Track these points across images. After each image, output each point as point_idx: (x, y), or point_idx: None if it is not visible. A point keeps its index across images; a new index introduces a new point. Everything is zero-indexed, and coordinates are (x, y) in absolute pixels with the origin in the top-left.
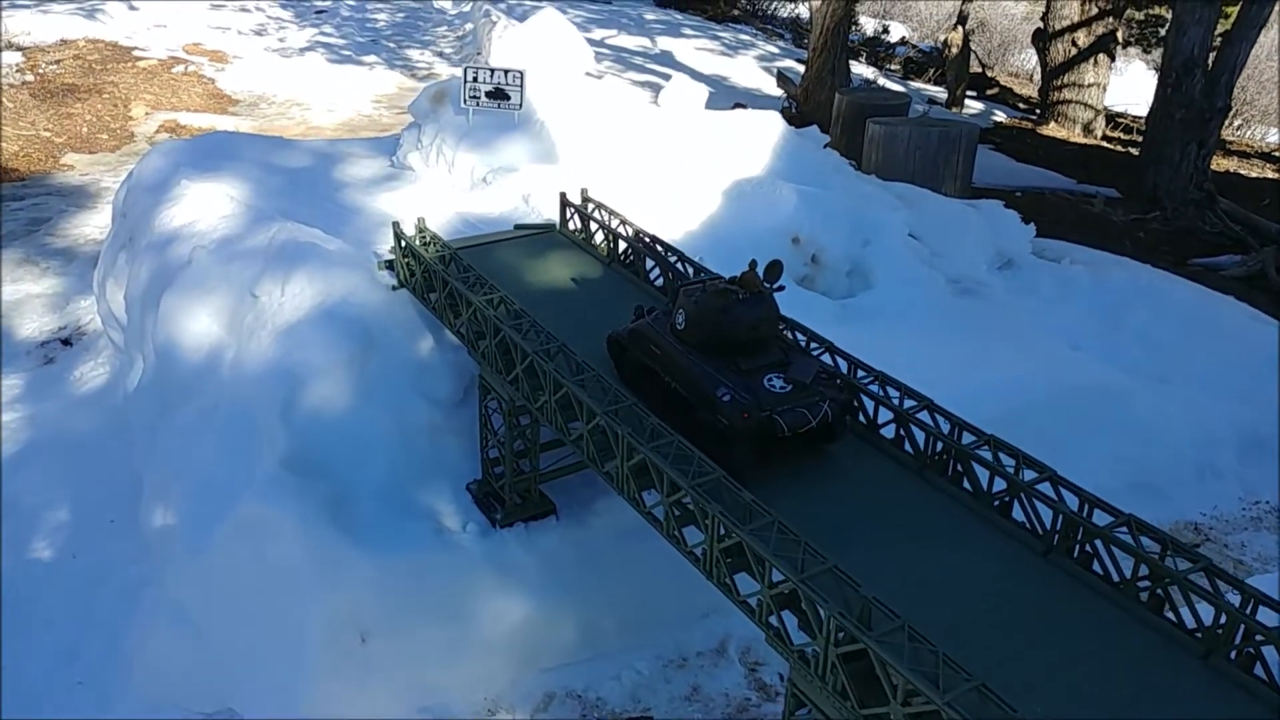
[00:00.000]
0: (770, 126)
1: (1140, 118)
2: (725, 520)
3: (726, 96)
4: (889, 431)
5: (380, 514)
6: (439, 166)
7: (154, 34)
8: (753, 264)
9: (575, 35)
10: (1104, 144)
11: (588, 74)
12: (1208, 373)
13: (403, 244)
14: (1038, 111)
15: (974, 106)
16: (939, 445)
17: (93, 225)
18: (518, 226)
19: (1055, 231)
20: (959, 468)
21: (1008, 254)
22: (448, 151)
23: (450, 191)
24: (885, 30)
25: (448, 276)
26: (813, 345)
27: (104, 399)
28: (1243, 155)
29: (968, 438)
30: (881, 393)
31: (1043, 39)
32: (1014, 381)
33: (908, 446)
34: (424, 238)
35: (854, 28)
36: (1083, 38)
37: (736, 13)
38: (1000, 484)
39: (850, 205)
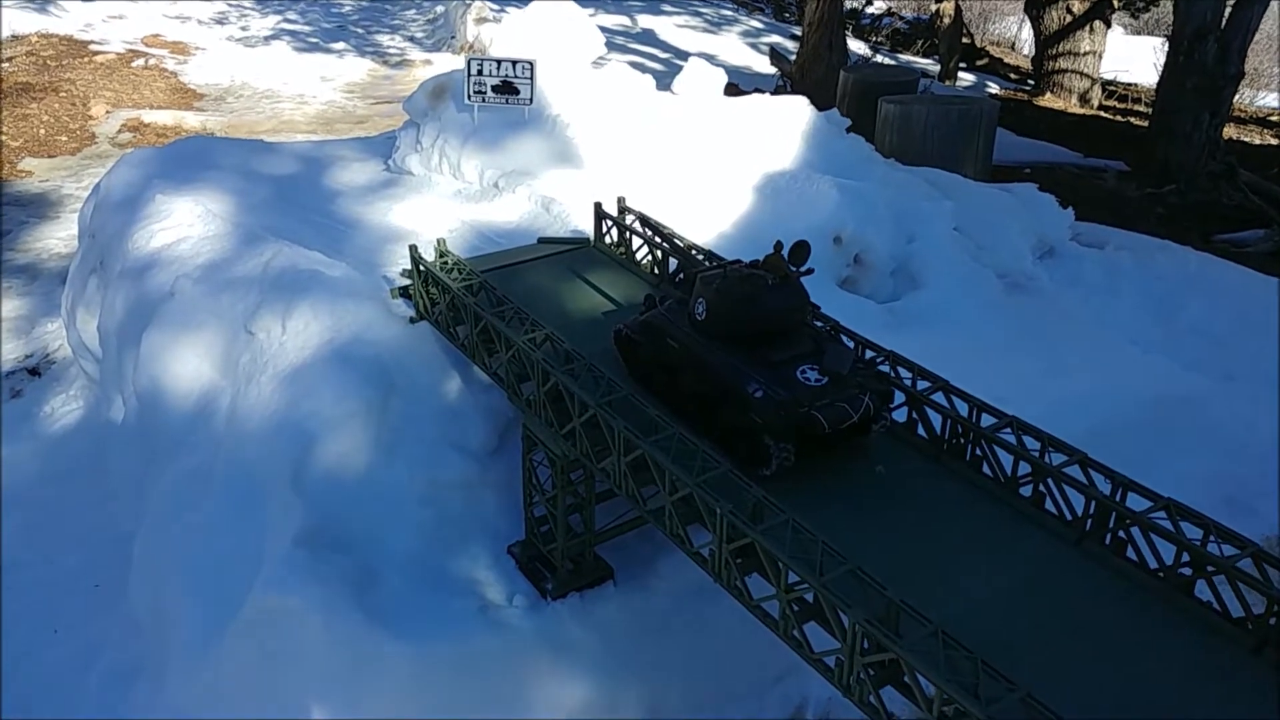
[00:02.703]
0: (796, 112)
1: (1132, 85)
2: (875, 631)
3: None
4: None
5: (413, 591)
6: (443, 171)
7: (111, 26)
8: (778, 245)
9: (584, 19)
10: (1101, 114)
11: (594, 62)
12: (1271, 366)
13: (421, 270)
14: (1030, 82)
15: (966, 79)
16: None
17: (56, 238)
18: (543, 240)
19: (1075, 211)
20: (1121, 535)
21: (1049, 242)
22: (451, 154)
23: (458, 199)
24: (869, 1)
25: (481, 311)
26: (919, 384)
27: (79, 439)
28: (1238, 121)
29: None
30: (1017, 442)
31: (1036, 7)
32: (1091, 395)
33: (1049, 505)
34: (446, 262)
35: None
36: (1077, 4)
37: None
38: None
39: (890, 198)
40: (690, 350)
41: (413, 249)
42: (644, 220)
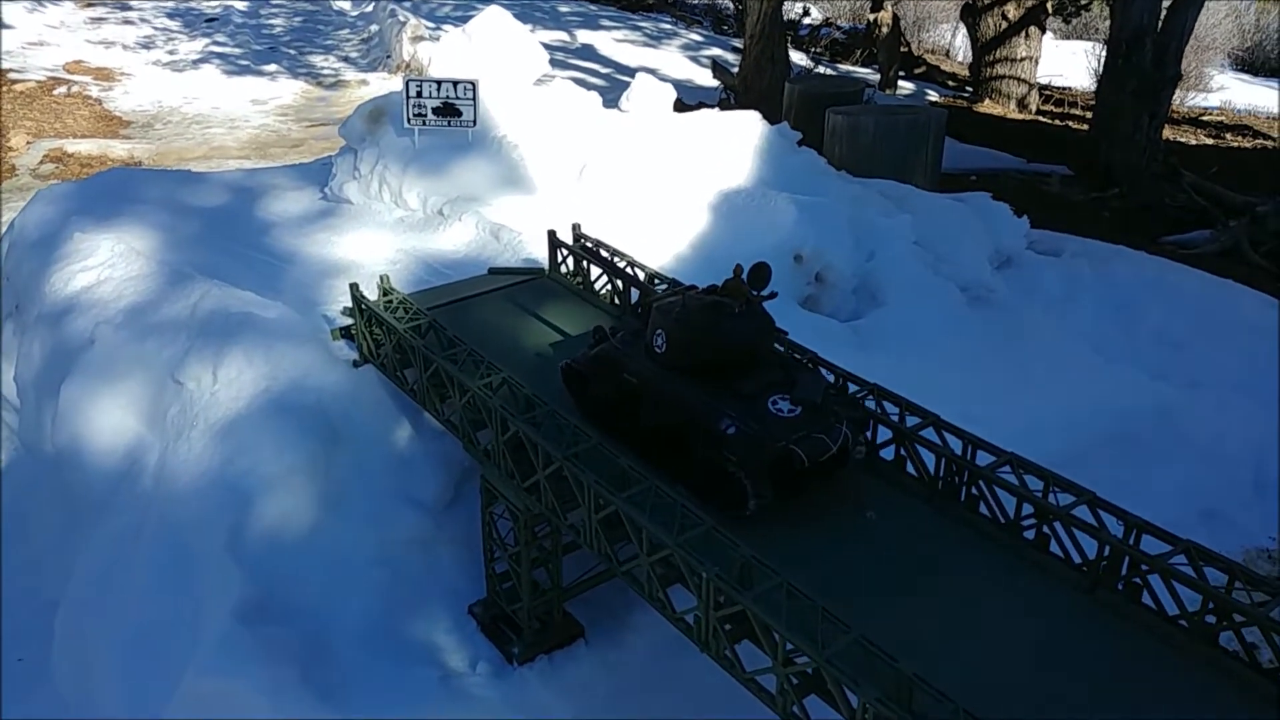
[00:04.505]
0: (747, 127)
1: (1067, 89)
2: (890, 711)
3: None
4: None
5: (367, 662)
6: (383, 198)
7: (31, 53)
8: (738, 269)
9: (526, 36)
10: (1040, 119)
11: (538, 80)
12: (1234, 371)
13: (364, 309)
14: (969, 89)
15: (906, 87)
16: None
17: None
18: (494, 270)
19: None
20: (1136, 580)
21: (1006, 251)
22: (392, 180)
23: (400, 228)
24: (806, 12)
25: (431, 353)
26: (908, 418)
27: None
28: (1172, 122)
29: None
30: (1018, 481)
31: (972, 14)
32: (1062, 409)
33: (1054, 546)
34: (390, 301)
35: None
36: (1012, 11)
37: (651, 1)
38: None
39: (848, 213)
40: (651, 385)
41: (354, 288)
42: (601, 248)
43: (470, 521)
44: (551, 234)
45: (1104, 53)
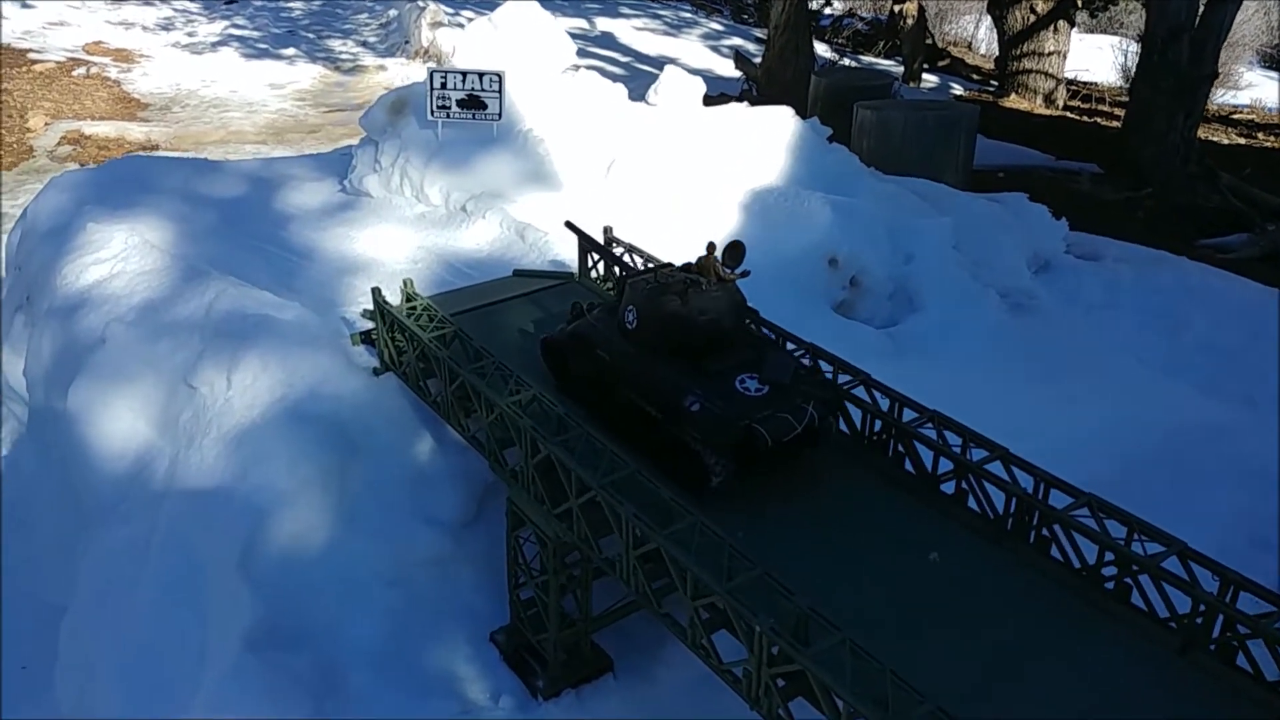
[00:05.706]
0: (779, 122)
1: (1093, 84)
2: None
3: None
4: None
5: (381, 691)
6: (404, 193)
7: (51, 34)
8: (711, 246)
9: (552, 25)
10: (1068, 114)
11: (565, 70)
12: None
13: (386, 316)
14: (993, 82)
15: (930, 80)
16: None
17: None
18: (519, 272)
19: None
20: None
21: (1044, 255)
22: (414, 174)
23: (421, 225)
24: (828, 3)
25: (458, 368)
26: (973, 451)
27: (5, 491)
28: (1202, 120)
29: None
30: (1098, 526)
31: (999, 7)
32: (1109, 426)
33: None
34: (414, 307)
35: None
36: (1041, 4)
37: None
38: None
39: (884, 214)
40: (622, 362)
41: (375, 293)
42: (634, 253)
43: (493, 540)
44: (582, 236)
45: (1132, 48)
